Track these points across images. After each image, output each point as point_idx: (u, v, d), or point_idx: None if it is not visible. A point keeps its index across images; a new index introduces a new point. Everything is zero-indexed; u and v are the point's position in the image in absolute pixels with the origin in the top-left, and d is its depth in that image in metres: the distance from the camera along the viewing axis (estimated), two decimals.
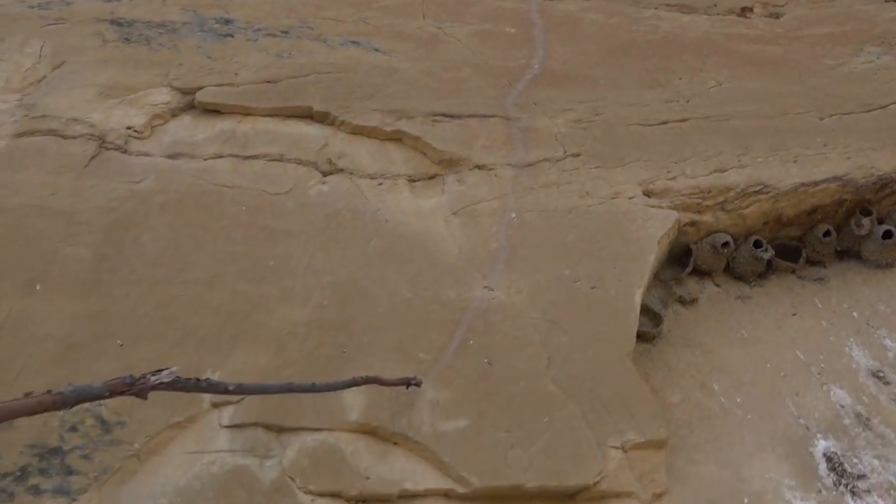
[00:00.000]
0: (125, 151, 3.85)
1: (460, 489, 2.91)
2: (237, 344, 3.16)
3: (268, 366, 3.10)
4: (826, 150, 4.12)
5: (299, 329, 3.24)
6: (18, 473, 2.67)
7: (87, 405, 2.78)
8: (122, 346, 3.07)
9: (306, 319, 3.28)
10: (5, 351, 2.98)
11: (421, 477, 2.94)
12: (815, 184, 3.96)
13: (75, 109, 3.97)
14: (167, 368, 2.17)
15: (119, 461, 2.77)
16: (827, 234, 4.00)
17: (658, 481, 3.07)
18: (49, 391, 1.89)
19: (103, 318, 3.15)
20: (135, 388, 2.07)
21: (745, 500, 3.12)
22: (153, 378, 2.12)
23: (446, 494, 2.93)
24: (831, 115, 4.40)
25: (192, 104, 4.16)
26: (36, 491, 2.64)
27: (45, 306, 3.14)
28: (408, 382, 3.03)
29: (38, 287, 3.20)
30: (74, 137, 3.83)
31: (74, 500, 2.65)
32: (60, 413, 2.72)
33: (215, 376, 2.99)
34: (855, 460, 3.27)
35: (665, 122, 4.30)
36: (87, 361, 2.98)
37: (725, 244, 3.90)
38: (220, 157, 3.90)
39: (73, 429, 2.81)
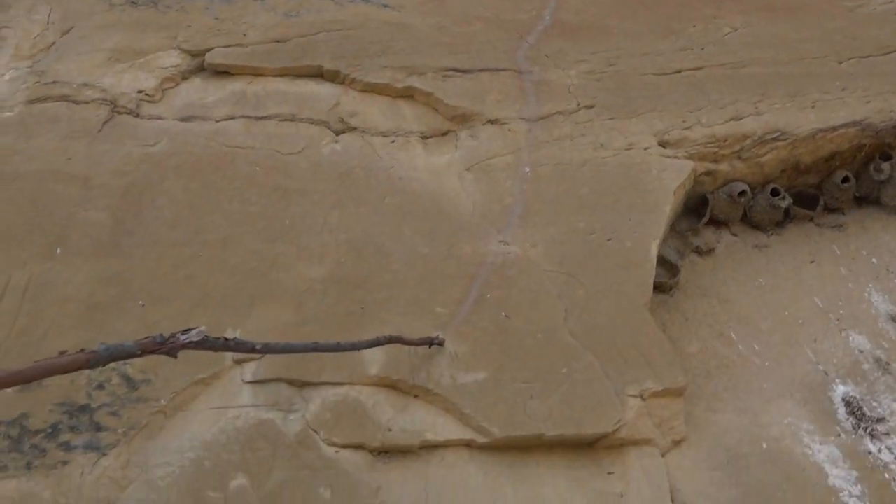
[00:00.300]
0: (137, 115, 3.86)
1: (481, 439, 2.96)
2: (256, 302, 3.19)
3: (288, 323, 3.13)
4: (844, 95, 4.05)
5: (317, 286, 3.27)
6: (49, 430, 2.74)
7: (112, 364, 2.83)
8: (143, 306, 3.11)
9: (324, 276, 3.30)
10: (30, 312, 3.03)
11: (442, 428, 2.98)
12: (834, 129, 3.90)
13: (86, 75, 3.98)
14: (196, 328, 2.19)
15: (146, 417, 2.83)
16: (846, 180, 3.94)
17: (677, 428, 3.10)
18: (82, 350, 1.92)
19: (123, 279, 3.19)
20: (165, 346, 2.10)
21: (764, 446, 3.14)
22: (183, 337, 2.14)
23: (467, 444, 2.97)
24: (850, 59, 4.31)
25: (202, 66, 4.15)
26: (67, 447, 2.71)
27: (66, 269, 3.18)
28: (430, 342, 3.06)
29: (58, 251, 3.24)
30: (87, 102, 3.84)
31: (104, 454, 2.72)
32: (87, 372, 2.77)
33: (236, 334, 3.02)
34: (874, 404, 3.28)
35: (679, 71, 4.24)
36: (109, 322, 3.03)
37: (742, 193, 3.86)
38: (233, 118, 3.90)
39: (101, 387, 2.86)
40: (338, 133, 3.92)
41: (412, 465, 2.91)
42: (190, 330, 2.17)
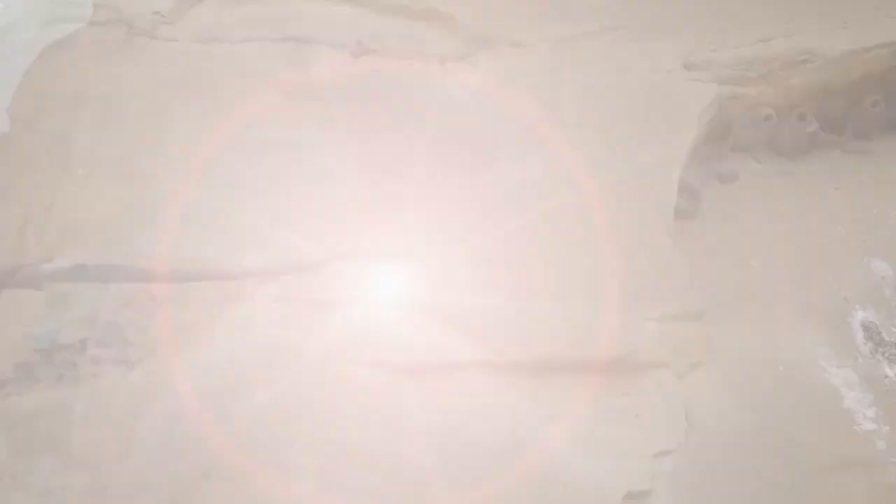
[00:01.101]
0: (154, 37, 3.81)
1: (500, 359, 2.99)
2: None
3: None
4: (879, 15, 3.90)
5: None
6: (79, 345, 2.81)
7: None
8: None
9: None
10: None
11: (462, 347, 3.00)
12: (866, 50, 3.77)
13: None
14: None
15: (172, 334, 2.89)
16: (875, 104, 3.84)
17: (694, 352, 3.12)
18: None
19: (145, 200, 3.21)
20: None
21: (780, 369, 3.16)
22: None
23: (487, 364, 3.01)
24: None
25: None
26: (96, 360, 2.79)
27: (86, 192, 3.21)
28: None
29: (80, 172, 3.26)
30: (103, 24, 3.80)
31: (133, 368, 2.79)
32: (114, 289, 2.84)
33: None
34: (893, 329, 3.28)
35: None
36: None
37: (768, 118, 3.78)
38: (250, 40, 3.85)
39: (127, 305, 2.92)
40: (356, 56, 3.86)
41: (432, 383, 2.96)
42: None
